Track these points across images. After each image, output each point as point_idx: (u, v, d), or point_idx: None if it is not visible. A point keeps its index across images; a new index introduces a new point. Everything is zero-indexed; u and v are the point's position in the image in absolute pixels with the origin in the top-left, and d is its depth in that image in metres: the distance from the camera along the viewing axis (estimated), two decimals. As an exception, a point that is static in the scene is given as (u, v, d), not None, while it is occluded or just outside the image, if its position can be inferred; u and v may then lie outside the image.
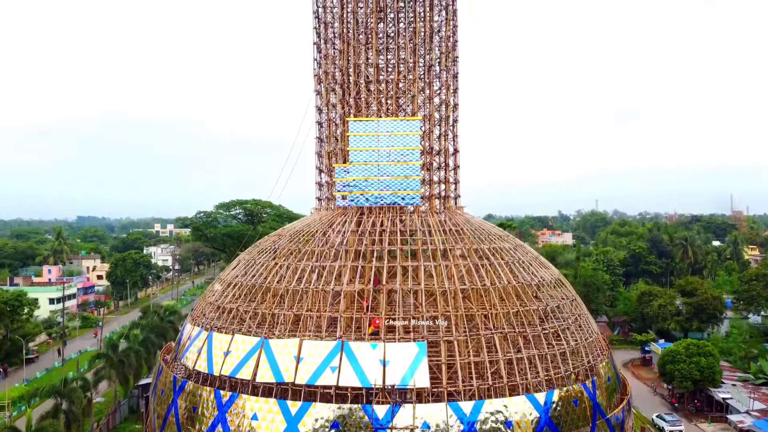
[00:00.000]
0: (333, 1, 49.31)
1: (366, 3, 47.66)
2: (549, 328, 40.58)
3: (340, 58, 48.16)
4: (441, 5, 49.14)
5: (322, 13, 49.79)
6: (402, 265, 40.64)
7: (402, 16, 47.68)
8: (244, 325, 40.79)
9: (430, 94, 48.36)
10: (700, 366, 61.97)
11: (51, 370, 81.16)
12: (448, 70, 49.04)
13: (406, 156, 46.47)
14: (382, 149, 46.52)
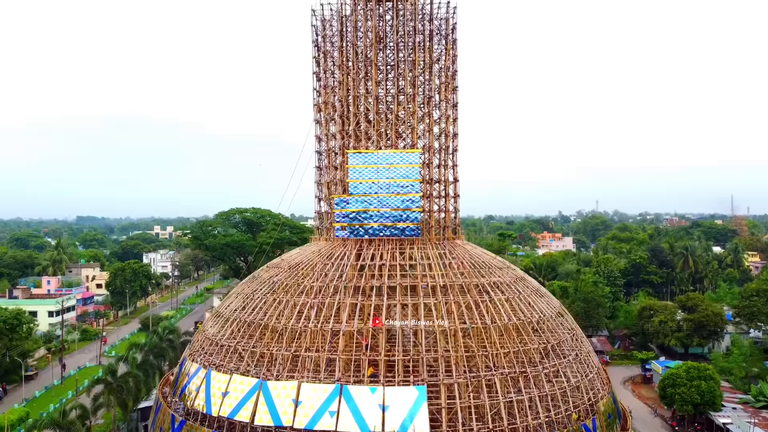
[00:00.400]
0: (332, 30, 48.94)
1: (365, 34, 47.29)
2: (549, 367, 40.30)
3: (340, 88, 47.81)
4: (440, 35, 48.77)
5: (321, 42, 49.43)
6: (402, 303, 40.32)
7: (401, 47, 47.32)
8: (243, 363, 40.50)
9: (429, 124, 48.06)
10: (701, 390, 61.81)
11: (50, 388, 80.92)
12: (447, 101, 48.68)
13: (405, 188, 46.21)
14: (381, 181, 46.24)
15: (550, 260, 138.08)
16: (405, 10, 47.05)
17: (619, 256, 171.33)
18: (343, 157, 47.58)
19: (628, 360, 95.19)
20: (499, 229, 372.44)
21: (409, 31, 46.82)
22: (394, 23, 47.10)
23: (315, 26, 49.42)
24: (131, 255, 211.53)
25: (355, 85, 46.92)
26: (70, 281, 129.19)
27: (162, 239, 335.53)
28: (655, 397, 76.85)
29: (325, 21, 49.21)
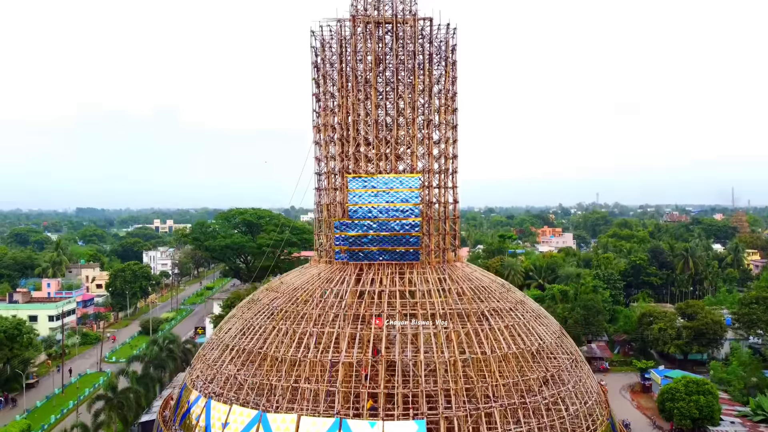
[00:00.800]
0: (332, 51, 48.57)
1: (365, 57, 46.91)
2: (549, 396, 40.34)
3: (339, 110, 47.53)
4: (440, 56, 48.39)
5: (321, 63, 49.08)
6: (401, 333, 40.31)
7: (401, 70, 46.97)
8: (242, 392, 40.52)
9: (429, 146, 47.79)
10: (699, 404, 61.93)
11: (51, 397, 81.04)
12: (447, 122, 48.41)
13: (405, 212, 46.08)
14: (381, 205, 46.10)
15: (550, 262, 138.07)
16: (404, 33, 46.64)
17: (619, 255, 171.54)
18: (343, 179, 47.39)
19: (627, 366, 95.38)
20: (499, 224, 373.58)
21: (409, 54, 46.43)
22: (394, 46, 46.72)
23: (314, 48, 49.02)
24: (131, 253, 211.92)
25: (354, 108, 46.61)
26: (70, 284, 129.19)
27: (162, 234, 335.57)
28: (654, 407, 77.02)
29: (325, 42, 48.81)
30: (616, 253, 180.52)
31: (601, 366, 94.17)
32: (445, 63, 48.42)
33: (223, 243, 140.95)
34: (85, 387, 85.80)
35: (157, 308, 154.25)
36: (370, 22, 46.85)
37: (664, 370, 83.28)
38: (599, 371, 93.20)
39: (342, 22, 47.11)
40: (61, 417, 73.83)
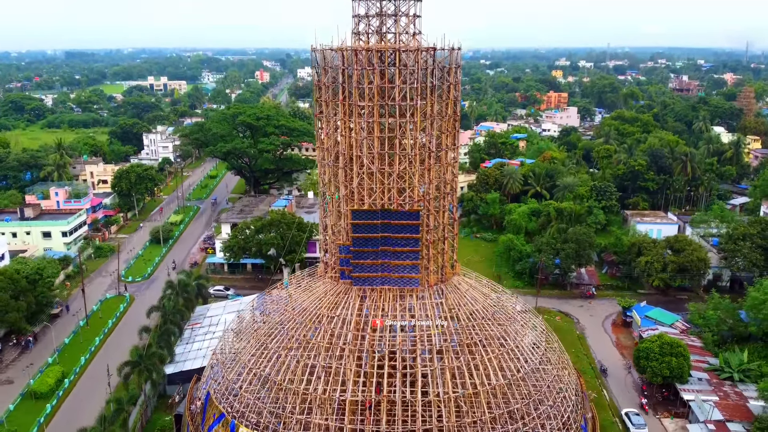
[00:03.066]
0: (333, 77, 47.07)
1: (366, 92, 45.56)
2: (529, 422, 45.43)
3: (342, 142, 47.31)
4: (443, 87, 46.99)
5: (323, 85, 47.73)
6: (402, 372, 44.39)
7: (403, 105, 45.95)
8: (263, 418, 45.48)
9: (430, 176, 48.26)
10: (671, 366, 68.32)
11: (77, 331, 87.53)
12: (448, 147, 48.38)
13: (406, 243, 47.95)
14: (383, 236, 47.85)
15: (549, 168, 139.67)
16: (407, 69, 44.92)
17: (621, 147, 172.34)
18: (347, 204, 48.53)
19: (612, 291, 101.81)
20: (505, 86, 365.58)
21: (413, 90, 45.12)
22: (397, 82, 45.20)
23: (316, 69, 47.36)
24: (131, 135, 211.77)
25: (356, 144, 46.35)
26: (78, 191, 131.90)
27: (158, 98, 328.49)
28: (632, 345, 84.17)
29: (327, 64, 47.00)
30: (618, 143, 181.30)
31: (587, 292, 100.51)
32: (448, 89, 47.09)
33: (224, 149, 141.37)
34: (108, 317, 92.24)
35: (163, 203, 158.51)
36: (370, 50, 44.78)
37: (645, 307, 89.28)
38: (585, 297, 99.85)
39: (341, 51, 45.00)
40: (90, 357, 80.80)
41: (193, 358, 73.57)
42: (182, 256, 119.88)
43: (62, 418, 67.80)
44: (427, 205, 48.47)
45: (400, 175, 47.30)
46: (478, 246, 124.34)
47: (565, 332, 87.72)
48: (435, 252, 50.19)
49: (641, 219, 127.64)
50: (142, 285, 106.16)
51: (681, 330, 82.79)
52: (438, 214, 49.86)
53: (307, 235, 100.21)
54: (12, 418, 66.71)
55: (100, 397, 70.80)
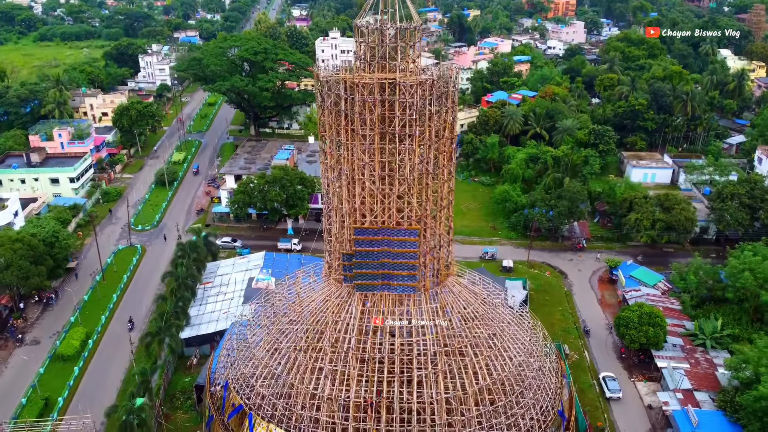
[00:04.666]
0: (335, 100, 48.55)
1: (368, 120, 47.18)
2: (510, 416, 51.26)
3: (345, 164, 49.57)
4: (441, 112, 48.57)
5: (325, 108, 49.31)
6: (399, 378, 49.62)
7: (402, 132, 47.76)
8: (277, 413, 51.17)
9: (428, 194, 50.97)
10: (648, 335, 74.15)
11: (94, 287, 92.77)
12: (445, 167, 50.78)
13: (405, 257, 51.64)
14: (384, 250, 51.46)
15: (550, 107, 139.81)
16: (406, 98, 46.29)
17: (625, 74, 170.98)
18: (350, 218, 51.68)
19: (602, 243, 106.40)
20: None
21: (411, 120, 46.77)
22: (397, 112, 46.69)
23: (320, 90, 48.68)
24: (126, 57, 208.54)
25: (359, 168, 48.61)
26: (80, 132, 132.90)
27: (154, 14, 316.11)
28: (616, 303, 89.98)
29: (330, 86, 48.27)
30: (622, 69, 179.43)
31: (578, 245, 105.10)
32: (445, 113, 48.65)
33: (222, 88, 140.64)
34: (122, 271, 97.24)
35: (164, 135, 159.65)
36: (371, 82, 45.88)
37: (631, 266, 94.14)
38: (576, 249, 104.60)
39: (344, 81, 46.06)
40: (110, 315, 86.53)
41: (207, 322, 79.23)
42: (188, 200, 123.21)
43: (89, 379, 74.24)
44: (425, 220, 51.52)
45: (399, 196, 49.99)
46: (475, 191, 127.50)
47: (553, 288, 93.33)
48: (432, 258, 53.84)
49: (637, 163, 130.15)
50: (152, 234, 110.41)
51: (662, 291, 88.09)
52: (436, 224, 53.00)
53: (310, 190, 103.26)
54: (43, 382, 73.14)
55: (123, 358, 77.32)
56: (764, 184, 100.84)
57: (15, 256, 79.36)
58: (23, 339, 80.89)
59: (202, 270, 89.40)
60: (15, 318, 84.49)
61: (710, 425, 63.25)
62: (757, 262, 79.17)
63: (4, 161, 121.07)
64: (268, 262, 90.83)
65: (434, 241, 53.35)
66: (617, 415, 69.59)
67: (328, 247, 55.49)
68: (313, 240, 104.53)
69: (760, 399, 59.27)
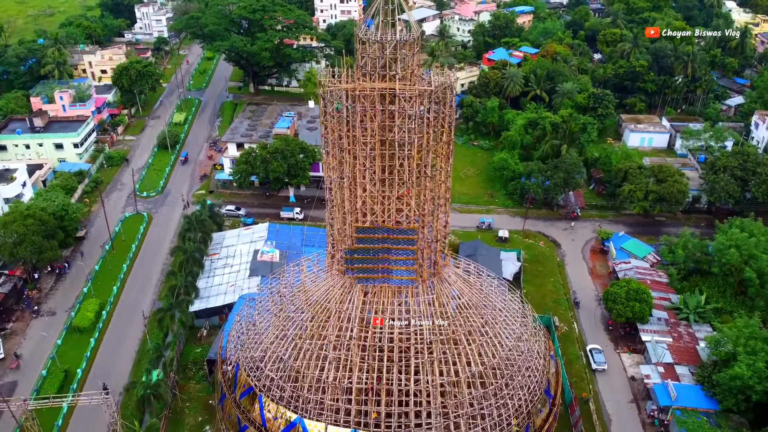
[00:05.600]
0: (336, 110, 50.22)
1: (369, 129, 48.98)
2: (499, 398, 55.51)
3: (347, 167, 51.74)
4: (439, 118, 50.31)
5: (327, 114, 51.05)
6: (398, 366, 53.52)
7: (401, 138, 49.66)
8: (285, 394, 55.31)
9: (425, 195, 53.40)
10: (634, 310, 78.08)
11: (104, 257, 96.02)
12: (442, 169, 53.01)
13: (404, 253, 54.63)
14: (384, 247, 54.40)
15: (551, 68, 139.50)
16: (405, 112, 47.95)
17: (628, 27, 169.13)
18: (351, 216, 54.33)
19: (596, 212, 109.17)
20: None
21: (410, 129, 48.59)
22: (397, 121, 48.42)
23: (323, 96, 50.27)
24: (122, 7, 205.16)
25: (360, 172, 50.77)
26: (82, 94, 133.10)
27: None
28: (606, 274, 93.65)
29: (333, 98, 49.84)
30: (625, 23, 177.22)
31: (572, 213, 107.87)
32: (443, 119, 50.40)
33: (222, 48, 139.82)
34: (130, 240, 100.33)
35: (164, 93, 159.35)
36: (372, 92, 47.36)
37: (622, 237, 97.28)
38: (570, 218, 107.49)
39: (347, 90, 47.53)
40: (121, 286, 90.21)
41: (216, 294, 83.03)
42: (190, 164, 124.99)
43: (105, 350, 78.64)
44: (422, 219, 54.12)
45: (398, 197, 52.40)
46: (474, 155, 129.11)
47: (546, 259, 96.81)
48: (429, 251, 56.76)
49: (635, 127, 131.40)
50: (158, 200, 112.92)
51: (651, 263, 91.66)
52: (433, 220, 55.61)
53: (311, 160, 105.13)
54: (61, 353, 77.48)
55: (136, 329, 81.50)
56: (757, 155, 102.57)
57: (28, 232, 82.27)
58: (39, 310, 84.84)
59: (209, 242, 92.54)
60: (30, 289, 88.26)
61: (688, 399, 67.99)
62: (743, 238, 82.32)
63: (7, 126, 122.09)
64: (272, 234, 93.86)
65: (432, 235, 56.08)
66: (602, 386, 74.36)
67: (331, 240, 58.26)
68: (314, 208, 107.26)
69: (735, 378, 63.68)
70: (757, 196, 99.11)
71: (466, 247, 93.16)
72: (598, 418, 69.37)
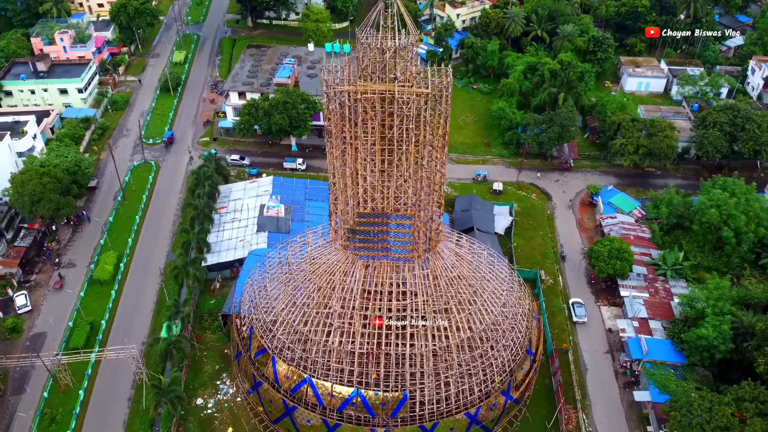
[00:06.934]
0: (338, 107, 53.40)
1: (369, 130, 52.36)
2: (485, 359, 62.32)
3: (349, 159, 55.62)
4: (435, 113, 53.60)
5: (330, 110, 54.33)
6: (395, 332, 59.89)
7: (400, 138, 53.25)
8: (296, 357, 61.99)
9: (422, 184, 57.59)
10: (615, 267, 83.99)
11: (117, 209, 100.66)
12: (438, 160, 56.95)
13: (401, 235, 59.65)
14: (383, 229, 59.35)
15: (552, 10, 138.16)
16: (404, 113, 51.11)
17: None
18: (353, 201, 58.86)
19: (588, 163, 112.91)
20: None
21: (407, 130, 52.06)
22: (396, 121, 51.69)
23: (326, 99, 53.30)
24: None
25: (361, 166, 54.64)
26: (82, 35, 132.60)
27: None
28: (593, 228, 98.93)
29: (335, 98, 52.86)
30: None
31: (565, 164, 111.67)
32: (439, 114, 53.65)
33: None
34: (140, 190, 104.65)
35: (162, 30, 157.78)
36: (373, 95, 50.29)
37: (611, 191, 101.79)
38: (563, 169, 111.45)
39: (348, 92, 50.41)
40: (135, 237, 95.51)
41: (226, 249, 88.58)
42: (193, 109, 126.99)
43: (125, 302, 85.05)
44: (419, 203, 58.56)
45: (397, 189, 56.60)
46: (473, 100, 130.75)
47: (537, 212, 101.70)
48: (425, 230, 61.63)
49: (633, 71, 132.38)
50: (163, 148, 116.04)
51: (636, 218, 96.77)
52: (429, 202, 60.07)
53: (312, 111, 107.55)
54: (85, 305, 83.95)
55: (153, 280, 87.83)
56: (748, 110, 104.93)
57: (45, 191, 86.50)
58: (60, 262, 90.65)
59: (217, 195, 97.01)
60: (49, 241, 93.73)
61: (658, 352, 75.07)
62: (723, 199, 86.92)
63: (10, 70, 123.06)
64: (277, 188, 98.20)
65: (427, 216, 60.74)
66: (581, 337, 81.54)
67: (334, 217, 62.91)
68: (316, 158, 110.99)
69: (701, 338, 70.36)
70: (744, 152, 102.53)
71: (461, 201, 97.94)
72: (575, 368, 76.95)
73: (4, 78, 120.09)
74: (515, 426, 68.89)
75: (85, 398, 72.59)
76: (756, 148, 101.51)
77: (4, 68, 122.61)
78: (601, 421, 71.26)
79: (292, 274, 65.74)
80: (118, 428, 69.60)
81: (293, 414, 62.77)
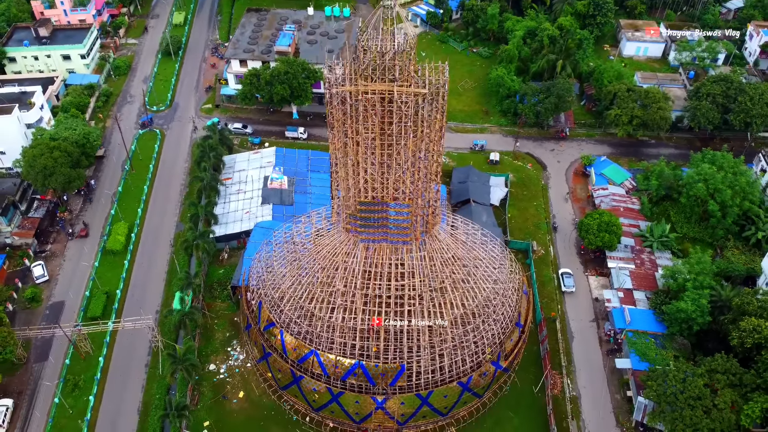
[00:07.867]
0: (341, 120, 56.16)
1: (370, 127, 55.25)
2: (478, 333, 67.23)
3: (350, 152, 58.74)
4: (432, 109, 56.43)
5: (332, 104, 57.09)
6: (394, 310, 64.54)
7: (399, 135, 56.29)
8: (303, 331, 66.85)
9: (419, 175, 60.90)
10: (604, 240, 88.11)
11: (125, 177, 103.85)
12: (435, 152, 60.13)
13: (400, 221, 63.45)
14: (383, 216, 63.11)
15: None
16: (402, 111, 53.88)
17: None
18: (354, 190, 62.37)
19: (583, 132, 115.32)
20: None
21: (406, 128, 54.96)
22: (395, 119, 54.52)
23: (329, 95, 55.93)
24: None
25: (362, 159, 57.78)
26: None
27: None
28: (585, 198, 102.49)
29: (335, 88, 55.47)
30: None
31: (561, 133, 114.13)
32: (436, 110, 56.39)
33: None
34: (146, 159, 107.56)
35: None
36: (374, 94, 52.86)
37: (604, 162, 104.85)
38: (559, 138, 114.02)
39: (349, 92, 53.01)
40: (144, 207, 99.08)
41: (233, 221, 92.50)
42: (195, 74, 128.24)
43: (138, 272, 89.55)
44: (416, 191, 62.00)
45: (396, 180, 59.91)
46: (473, 64, 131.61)
47: (532, 182, 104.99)
48: (422, 215, 65.32)
49: (632, 35, 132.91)
50: (167, 115, 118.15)
51: (627, 189, 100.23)
52: (426, 190, 63.51)
53: (313, 81, 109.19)
54: (99, 274, 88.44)
55: (164, 250, 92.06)
56: (741, 83, 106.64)
57: (57, 165, 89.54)
58: (73, 232, 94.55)
59: (222, 166, 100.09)
60: (61, 211, 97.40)
61: (640, 322, 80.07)
62: (711, 173, 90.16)
63: (12, 35, 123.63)
64: (279, 159, 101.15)
65: (424, 202, 64.30)
66: (569, 306, 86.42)
67: (337, 201, 66.46)
68: (317, 126, 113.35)
69: (680, 311, 75.11)
70: (735, 124, 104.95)
71: (458, 173, 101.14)
72: (562, 336, 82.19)
73: (6, 44, 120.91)
74: (504, 390, 74.52)
75: (105, 365, 77.98)
76: (747, 120, 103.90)
77: (7, 34, 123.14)
78: (584, 386, 76.89)
79: (297, 254, 69.81)
80: (137, 392, 75.24)
81: (300, 382, 68.18)
